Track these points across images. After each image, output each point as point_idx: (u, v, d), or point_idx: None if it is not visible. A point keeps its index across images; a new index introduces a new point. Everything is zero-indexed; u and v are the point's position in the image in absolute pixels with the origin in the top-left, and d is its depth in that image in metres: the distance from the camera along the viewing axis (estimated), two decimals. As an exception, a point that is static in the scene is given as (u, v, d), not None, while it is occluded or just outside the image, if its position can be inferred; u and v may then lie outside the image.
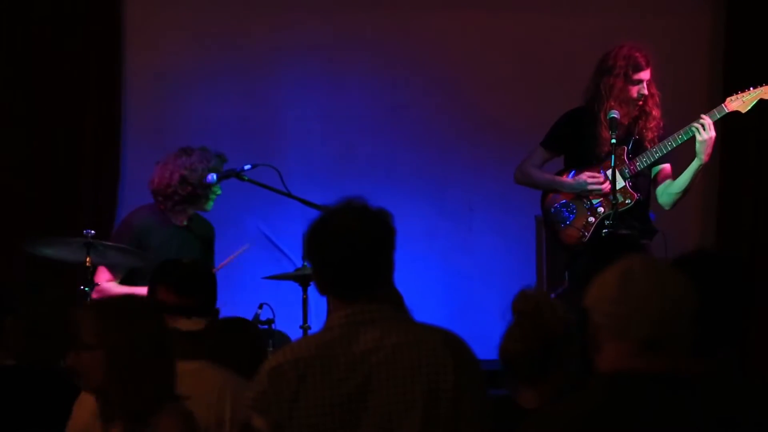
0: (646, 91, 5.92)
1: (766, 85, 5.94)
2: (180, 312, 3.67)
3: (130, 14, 7.31)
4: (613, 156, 5.79)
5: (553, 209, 6.13)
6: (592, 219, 6.03)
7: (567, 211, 6.10)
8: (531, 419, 2.63)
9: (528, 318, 3.50)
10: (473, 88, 7.38)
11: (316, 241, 3.04)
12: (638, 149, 5.99)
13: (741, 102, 5.93)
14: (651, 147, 5.94)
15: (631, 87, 5.91)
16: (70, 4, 7.16)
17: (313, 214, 3.16)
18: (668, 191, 6.00)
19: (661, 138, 5.93)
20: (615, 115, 5.84)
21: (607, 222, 5.87)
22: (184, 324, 3.67)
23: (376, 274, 3.02)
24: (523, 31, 7.34)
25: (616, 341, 2.49)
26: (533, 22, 7.34)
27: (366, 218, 3.01)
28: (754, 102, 5.92)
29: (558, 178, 6.13)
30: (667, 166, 6.02)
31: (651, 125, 5.96)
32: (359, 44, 7.37)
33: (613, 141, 5.79)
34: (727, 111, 5.92)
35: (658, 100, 5.96)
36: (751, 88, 5.93)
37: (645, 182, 6.05)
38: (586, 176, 6.01)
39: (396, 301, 3.11)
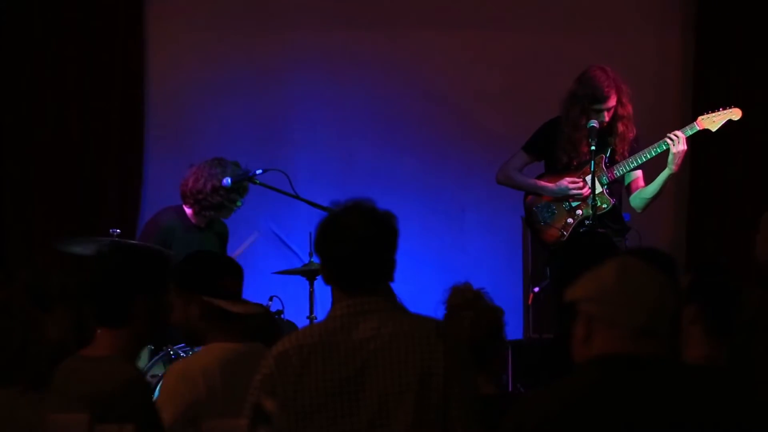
0: (606, 119, 5.83)
1: (734, 107, 5.90)
2: (240, 298, 3.62)
3: (153, 30, 7.32)
4: (592, 162, 5.76)
5: (535, 208, 6.09)
6: (570, 220, 5.99)
7: (548, 211, 6.07)
8: (524, 400, 2.61)
9: (464, 311, 3.57)
10: (464, 100, 7.38)
11: (325, 237, 3.06)
12: (614, 158, 5.95)
13: (712, 121, 5.89)
14: (621, 159, 5.90)
15: (584, 116, 5.85)
16: (99, 19, 7.17)
17: (319, 214, 3.19)
18: (640, 196, 5.96)
19: (633, 151, 5.89)
20: (594, 125, 5.80)
21: (587, 222, 5.88)
22: (256, 308, 3.64)
23: (378, 271, 3.05)
24: (509, 48, 7.33)
25: (609, 329, 2.49)
26: (518, 40, 7.33)
27: (372, 219, 3.04)
28: (723, 122, 5.89)
29: (540, 182, 6.08)
30: (639, 174, 5.99)
31: (622, 141, 5.90)
32: (361, 60, 7.36)
33: (593, 148, 5.75)
34: (698, 129, 5.88)
35: (628, 120, 5.89)
36: (721, 109, 5.90)
37: (619, 188, 6.04)
38: (567, 182, 5.96)
39: (390, 295, 3.14)
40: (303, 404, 2.94)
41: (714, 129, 5.92)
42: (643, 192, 5.97)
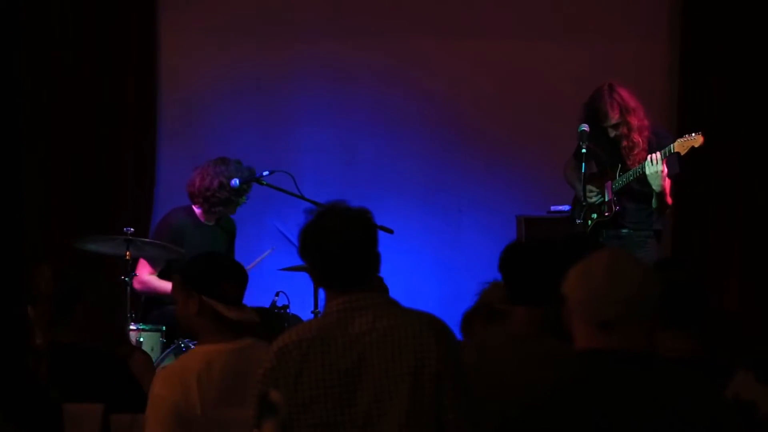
0: (611, 134, 5.86)
1: (699, 134, 5.81)
2: (239, 304, 3.62)
3: (166, 38, 7.35)
4: (583, 164, 5.79)
5: (575, 208, 6.17)
6: (589, 222, 6.05)
7: (577, 212, 6.13)
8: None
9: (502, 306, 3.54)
10: (462, 105, 7.37)
11: (308, 242, 3.07)
12: (627, 170, 5.95)
13: (682, 145, 5.82)
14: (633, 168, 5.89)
15: (595, 131, 5.87)
16: (114, 27, 7.20)
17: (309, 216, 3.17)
18: (652, 205, 5.96)
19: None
20: (585, 128, 5.83)
21: (589, 222, 5.93)
22: (250, 316, 3.62)
23: (364, 266, 3.05)
24: (505, 56, 7.34)
25: (582, 323, 2.54)
26: (513, 48, 7.33)
27: (350, 219, 3.04)
28: (689, 148, 5.82)
29: (576, 183, 6.11)
30: None
31: (630, 154, 5.90)
32: (363, 67, 7.38)
33: (583, 151, 5.78)
34: (673, 151, 5.82)
35: (636, 135, 5.87)
36: (692, 135, 5.82)
37: (640, 189, 5.98)
38: (586, 189, 6.06)
39: (382, 288, 3.14)
40: (303, 396, 2.94)
41: (683, 153, 5.85)
42: (652, 202, 5.96)
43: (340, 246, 3.01)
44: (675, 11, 7.31)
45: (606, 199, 5.94)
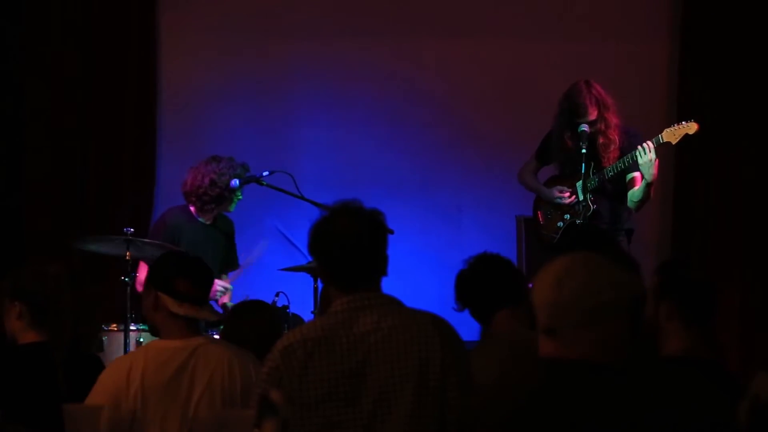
0: (588, 131, 5.80)
1: (693, 121, 5.76)
2: (195, 302, 3.64)
3: (166, 38, 7.34)
4: (583, 164, 5.76)
5: (539, 210, 6.16)
6: (561, 224, 6.04)
7: (545, 214, 6.12)
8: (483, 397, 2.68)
9: None
10: (461, 106, 7.38)
11: (318, 240, 3.08)
12: (600, 167, 5.90)
13: (672, 134, 5.75)
14: (607, 166, 5.86)
15: (568, 129, 5.85)
16: (114, 28, 7.21)
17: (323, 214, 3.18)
18: (631, 198, 5.88)
19: (620, 158, 5.84)
20: (585, 129, 5.80)
21: (578, 221, 5.90)
22: (204, 315, 3.68)
23: (372, 268, 3.06)
24: (504, 56, 7.34)
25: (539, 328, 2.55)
26: (513, 48, 7.34)
27: (362, 219, 3.05)
28: (681, 136, 5.76)
29: (540, 185, 6.13)
30: (637, 175, 5.83)
31: (606, 151, 5.86)
32: (362, 68, 7.37)
33: (584, 151, 5.74)
34: (662, 141, 5.76)
35: (611, 133, 5.83)
36: (684, 123, 5.77)
37: (613, 188, 5.97)
38: (556, 189, 6.02)
39: None
40: (308, 396, 2.95)
41: (674, 142, 5.80)
42: (632, 194, 5.89)
43: (349, 246, 3.01)
44: (675, 11, 7.33)
45: (581, 198, 5.91)
